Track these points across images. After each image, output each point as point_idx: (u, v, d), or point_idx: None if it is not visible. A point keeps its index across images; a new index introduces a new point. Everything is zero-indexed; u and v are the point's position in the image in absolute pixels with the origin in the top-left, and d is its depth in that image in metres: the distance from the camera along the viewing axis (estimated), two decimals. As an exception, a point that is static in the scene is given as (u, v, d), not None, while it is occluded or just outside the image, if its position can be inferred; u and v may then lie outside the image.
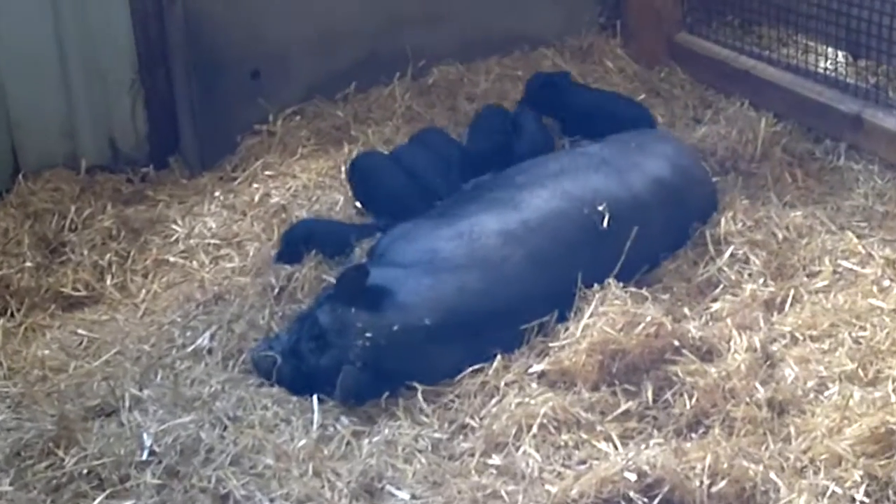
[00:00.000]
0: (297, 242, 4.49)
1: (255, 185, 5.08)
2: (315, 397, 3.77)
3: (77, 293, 4.61)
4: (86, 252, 4.75)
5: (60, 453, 3.58)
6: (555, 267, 4.05)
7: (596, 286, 4.00)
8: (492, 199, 4.25)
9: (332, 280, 4.19)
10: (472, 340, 3.91)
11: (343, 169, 5.03)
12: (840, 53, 5.36)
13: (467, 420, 3.72)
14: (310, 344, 3.86)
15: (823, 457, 3.45)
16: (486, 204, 4.23)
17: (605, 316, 3.85)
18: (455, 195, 4.55)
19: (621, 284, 4.02)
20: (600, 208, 4.13)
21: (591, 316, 3.89)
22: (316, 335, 3.86)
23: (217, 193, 5.11)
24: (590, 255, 4.09)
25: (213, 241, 4.80)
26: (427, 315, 3.85)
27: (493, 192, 4.32)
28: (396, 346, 3.81)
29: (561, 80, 5.24)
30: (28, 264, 4.65)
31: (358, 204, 4.85)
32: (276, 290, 4.31)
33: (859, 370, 3.77)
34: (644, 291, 4.05)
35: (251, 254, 4.64)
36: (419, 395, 3.81)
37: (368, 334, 3.79)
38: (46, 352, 4.24)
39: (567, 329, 3.91)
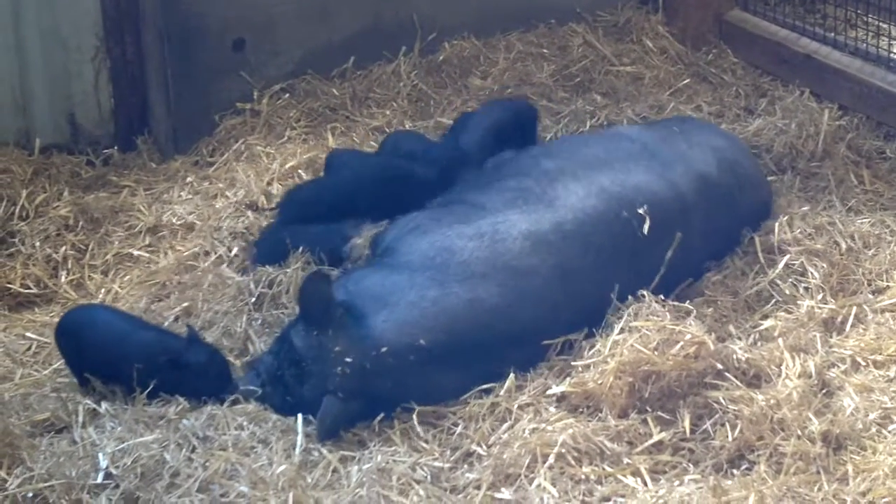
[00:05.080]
0: (282, 243, 4.47)
1: (235, 172, 5.09)
2: (300, 416, 3.77)
3: (27, 291, 4.64)
4: (38, 244, 4.78)
5: (3, 473, 3.58)
6: (586, 282, 4.03)
7: (629, 298, 4.01)
8: (519, 190, 4.19)
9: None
10: (480, 365, 3.90)
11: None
12: (917, 38, 5.39)
13: (473, 447, 3.72)
14: (290, 371, 3.85)
15: (885, 500, 3.46)
16: (513, 195, 4.17)
17: (638, 332, 3.87)
18: (473, 176, 4.49)
19: (658, 296, 4.03)
20: (641, 212, 4.13)
21: (621, 332, 3.90)
22: (293, 360, 3.84)
23: (190, 179, 5.14)
24: (626, 267, 4.08)
25: (184, 235, 4.83)
26: (424, 334, 3.83)
27: (518, 180, 4.26)
28: (385, 371, 3.80)
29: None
30: (-30, 256, 4.70)
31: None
32: (256, 294, 4.32)
33: (929, 402, 3.79)
34: (684, 305, 4.06)
35: (232, 251, 4.66)
36: (417, 417, 3.82)
37: (348, 359, 3.78)
38: (-11, 357, 4.27)
39: (593, 346, 3.92)
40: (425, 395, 3.85)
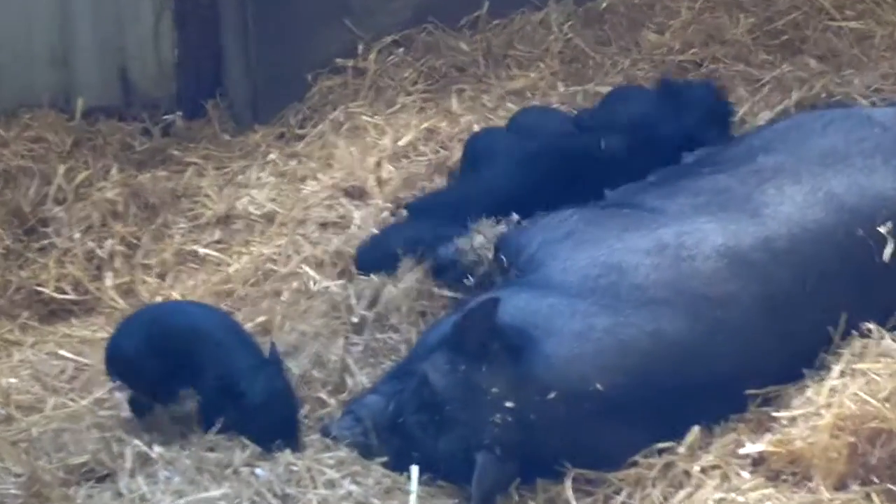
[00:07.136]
0: (394, 248, 4.50)
1: (332, 149, 5.14)
2: (414, 471, 3.75)
3: (62, 296, 4.69)
4: (77, 235, 4.83)
5: (29, 532, 3.63)
6: (801, 318, 3.99)
7: (853, 332, 3.96)
8: (716, 192, 4.17)
9: (448, 294, 4.27)
10: (664, 417, 3.87)
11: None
12: None
13: (640, 520, 3.72)
14: (419, 417, 3.84)
15: None
16: (707, 197, 4.16)
17: (864, 377, 3.81)
18: (662, 171, 4.48)
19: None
20: (882, 230, 4.06)
21: (841, 375, 3.85)
22: (427, 404, 3.84)
23: (273, 157, 5.19)
24: (855, 301, 4.02)
25: (263, 229, 4.87)
26: (599, 376, 3.81)
27: (715, 178, 4.24)
28: (553, 423, 3.79)
29: None
30: (-8, 249, 4.77)
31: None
32: (357, 316, 4.33)
33: None
34: (926, 344, 3.99)
35: (322, 250, 4.67)
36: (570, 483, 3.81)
37: (509, 404, 3.77)
38: (13, 380, 4.30)
39: (803, 393, 3.87)
40: (595, 455, 3.83)
